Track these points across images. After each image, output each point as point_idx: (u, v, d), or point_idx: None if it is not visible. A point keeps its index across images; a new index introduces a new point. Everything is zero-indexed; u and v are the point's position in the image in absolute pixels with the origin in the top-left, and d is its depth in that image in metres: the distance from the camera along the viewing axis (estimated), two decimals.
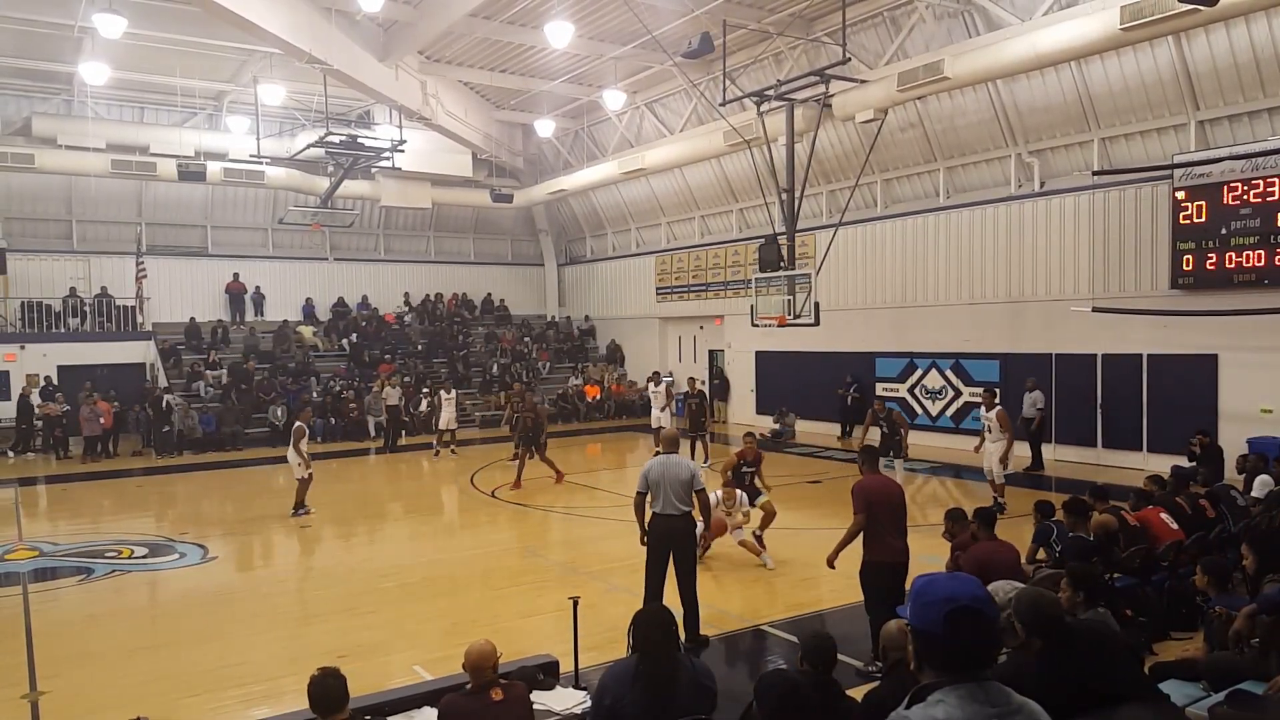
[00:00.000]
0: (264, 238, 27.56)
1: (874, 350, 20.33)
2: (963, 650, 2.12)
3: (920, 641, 2.19)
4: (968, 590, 2.17)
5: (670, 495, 7.29)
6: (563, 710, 5.31)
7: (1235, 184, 14.00)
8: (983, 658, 2.14)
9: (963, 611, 2.11)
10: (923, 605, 2.17)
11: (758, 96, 16.84)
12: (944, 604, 2.12)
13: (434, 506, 15.34)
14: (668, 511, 7.31)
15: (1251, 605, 5.25)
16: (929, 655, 2.17)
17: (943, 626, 2.11)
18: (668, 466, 7.36)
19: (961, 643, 2.11)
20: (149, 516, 14.38)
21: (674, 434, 8.10)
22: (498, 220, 30.95)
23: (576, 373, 27.98)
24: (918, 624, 2.18)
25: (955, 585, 2.19)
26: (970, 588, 2.18)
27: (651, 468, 7.39)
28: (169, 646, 7.88)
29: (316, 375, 24.56)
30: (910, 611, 2.22)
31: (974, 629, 2.12)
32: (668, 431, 8.12)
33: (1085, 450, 16.41)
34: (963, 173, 18.68)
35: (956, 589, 2.17)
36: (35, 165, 21.76)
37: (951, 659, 2.13)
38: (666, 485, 7.28)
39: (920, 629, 2.17)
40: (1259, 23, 13.37)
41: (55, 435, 20.47)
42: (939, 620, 2.12)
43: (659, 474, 7.32)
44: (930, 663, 2.17)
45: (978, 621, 2.12)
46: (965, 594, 2.15)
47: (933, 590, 2.18)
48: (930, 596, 2.17)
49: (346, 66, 18.35)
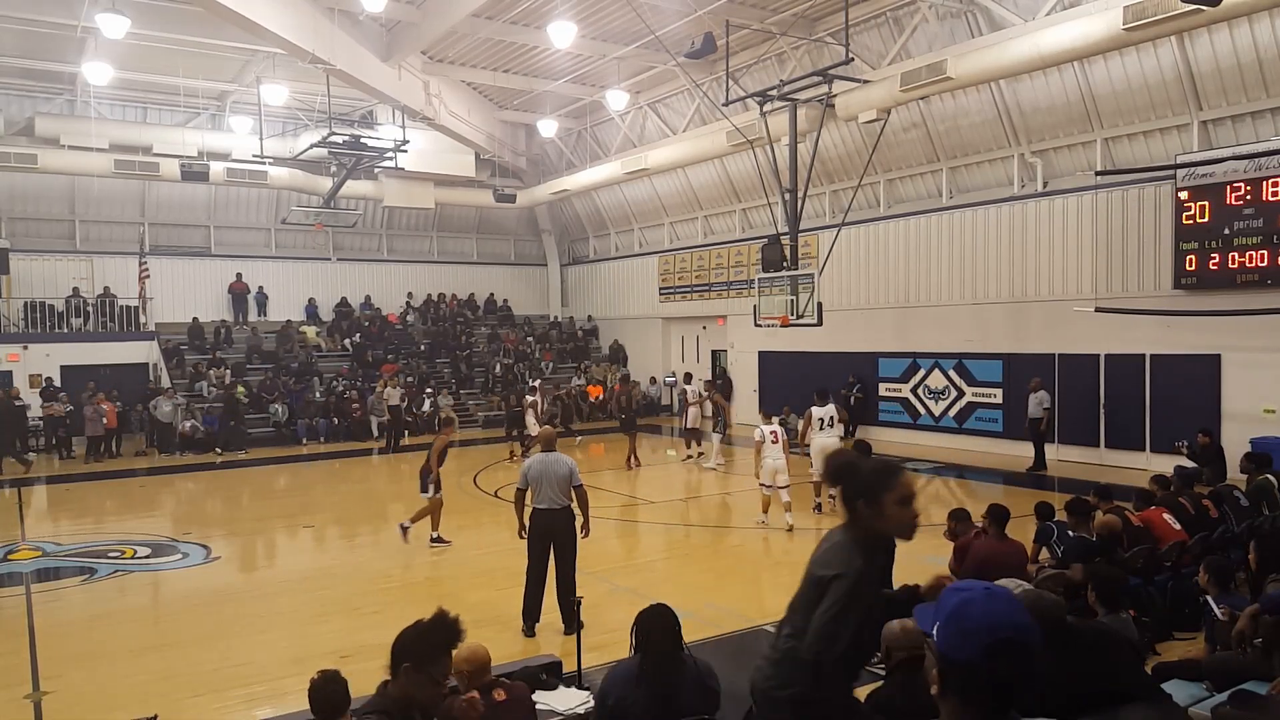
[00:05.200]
0: (267, 238, 27.59)
1: (877, 350, 20.32)
2: (1005, 686, 1.87)
3: (952, 672, 1.89)
4: (1011, 618, 1.87)
5: (549, 490, 7.79)
6: (566, 710, 5.30)
7: (1238, 184, 13.98)
8: (1020, 693, 1.89)
9: (1006, 645, 1.83)
10: (959, 633, 1.88)
11: (760, 96, 16.82)
12: (986, 634, 1.84)
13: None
14: (548, 506, 7.80)
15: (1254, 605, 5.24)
16: (962, 690, 1.88)
17: (983, 659, 1.83)
18: (547, 464, 7.87)
19: (1004, 678, 1.85)
20: (152, 516, 14.40)
21: (552, 434, 8.53)
22: (501, 220, 30.97)
23: (579, 373, 27.99)
24: (951, 654, 1.88)
25: (995, 611, 1.88)
26: (1013, 614, 1.89)
27: (531, 465, 7.92)
28: (172, 647, 7.89)
29: (319, 375, 24.59)
30: (942, 636, 1.92)
31: (1018, 663, 1.85)
32: (545, 431, 8.64)
33: (1088, 450, 16.39)
34: (965, 173, 18.67)
35: (997, 616, 1.87)
36: (38, 165, 21.78)
37: (991, 696, 1.87)
38: (545, 482, 7.80)
39: (954, 659, 1.88)
40: (1262, 23, 13.35)
41: (57, 435, 20.52)
42: (979, 653, 1.83)
43: (539, 471, 7.84)
44: (963, 698, 1.88)
45: (1023, 655, 1.85)
46: (1008, 623, 1.86)
47: (970, 615, 1.88)
48: (968, 623, 1.87)
49: (349, 66, 18.36)
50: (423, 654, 3.17)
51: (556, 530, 7.84)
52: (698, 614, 7.89)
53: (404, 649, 3.19)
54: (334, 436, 22.63)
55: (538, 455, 8.09)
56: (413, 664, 3.13)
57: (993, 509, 6.85)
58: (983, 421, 18.20)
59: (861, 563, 3.08)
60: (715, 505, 14.82)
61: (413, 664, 3.13)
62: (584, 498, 8.10)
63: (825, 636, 3.01)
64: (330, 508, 14.51)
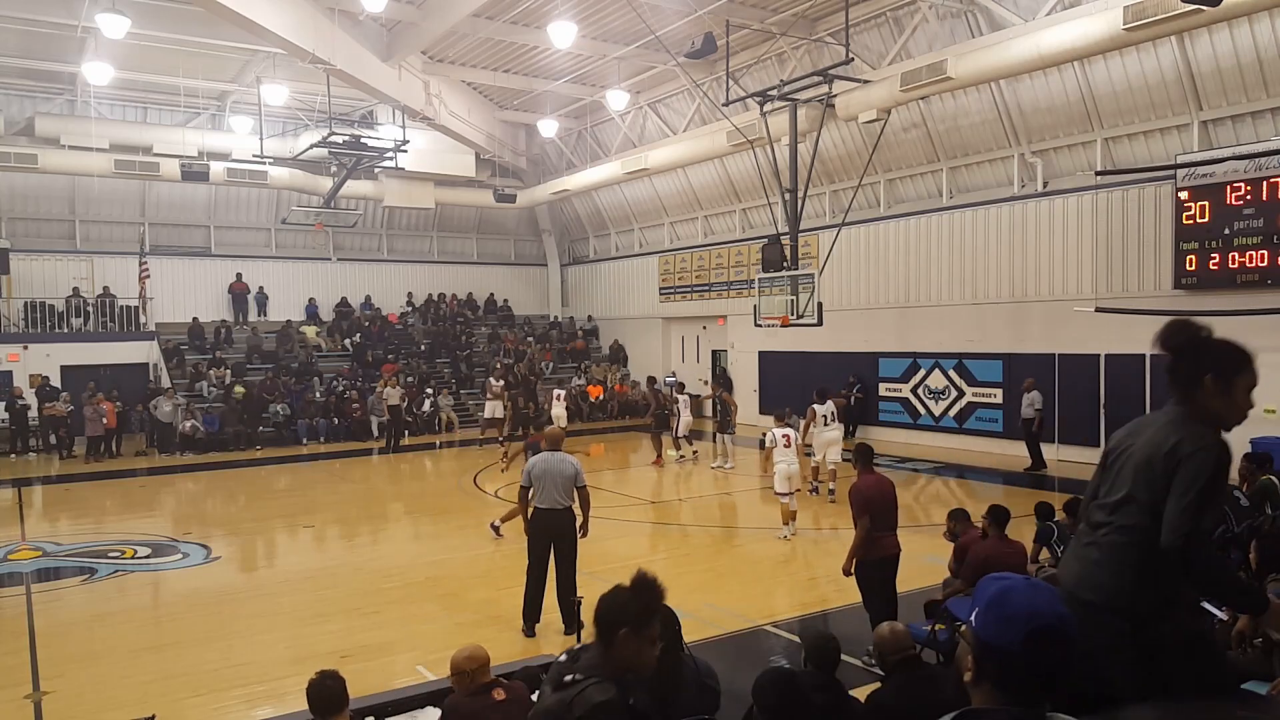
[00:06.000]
0: (267, 238, 27.60)
1: (877, 350, 20.32)
2: (1044, 675, 1.89)
3: (990, 658, 1.90)
4: (1051, 607, 1.91)
5: (552, 490, 7.78)
6: None
7: (1238, 184, 13.98)
8: (1057, 683, 1.91)
9: (1046, 632, 1.87)
10: (1000, 619, 1.90)
11: (761, 96, 16.83)
12: (1026, 620, 1.87)
13: (437, 507, 15.34)
14: (549, 506, 7.80)
15: None
16: (1001, 676, 1.90)
17: (1022, 646, 1.85)
18: (550, 463, 7.85)
19: (1042, 666, 1.88)
20: (152, 516, 14.40)
21: (559, 433, 8.50)
22: (501, 220, 30.97)
23: (579, 373, 27.98)
24: (991, 639, 1.90)
25: (1037, 599, 1.92)
26: (1053, 603, 1.92)
27: (535, 464, 7.89)
28: (172, 647, 7.89)
29: (320, 375, 24.59)
30: (981, 621, 1.93)
31: (1057, 651, 1.88)
32: (552, 431, 8.59)
33: (1089, 450, 16.35)
34: (966, 173, 18.67)
35: (1039, 603, 1.90)
36: (38, 165, 21.78)
37: (1028, 683, 1.89)
38: (549, 481, 7.79)
39: (993, 645, 1.89)
40: (1262, 23, 13.35)
41: (59, 435, 20.53)
42: (1018, 639, 1.86)
43: (542, 470, 7.82)
44: (1001, 684, 1.90)
45: (1063, 645, 1.88)
46: (1049, 611, 1.90)
47: (1011, 602, 1.91)
48: (1010, 609, 1.90)
49: (350, 66, 18.36)
50: (638, 617, 3.14)
51: (557, 530, 7.84)
52: (698, 614, 7.90)
53: (620, 614, 3.13)
54: (334, 436, 22.64)
55: (542, 454, 8.01)
56: (630, 629, 3.08)
57: (993, 509, 6.84)
58: (983, 421, 18.19)
59: (1217, 439, 2.81)
60: (715, 505, 14.82)
61: (630, 629, 3.08)
62: (586, 499, 8.09)
63: (1193, 517, 2.74)
64: (330, 508, 14.51)
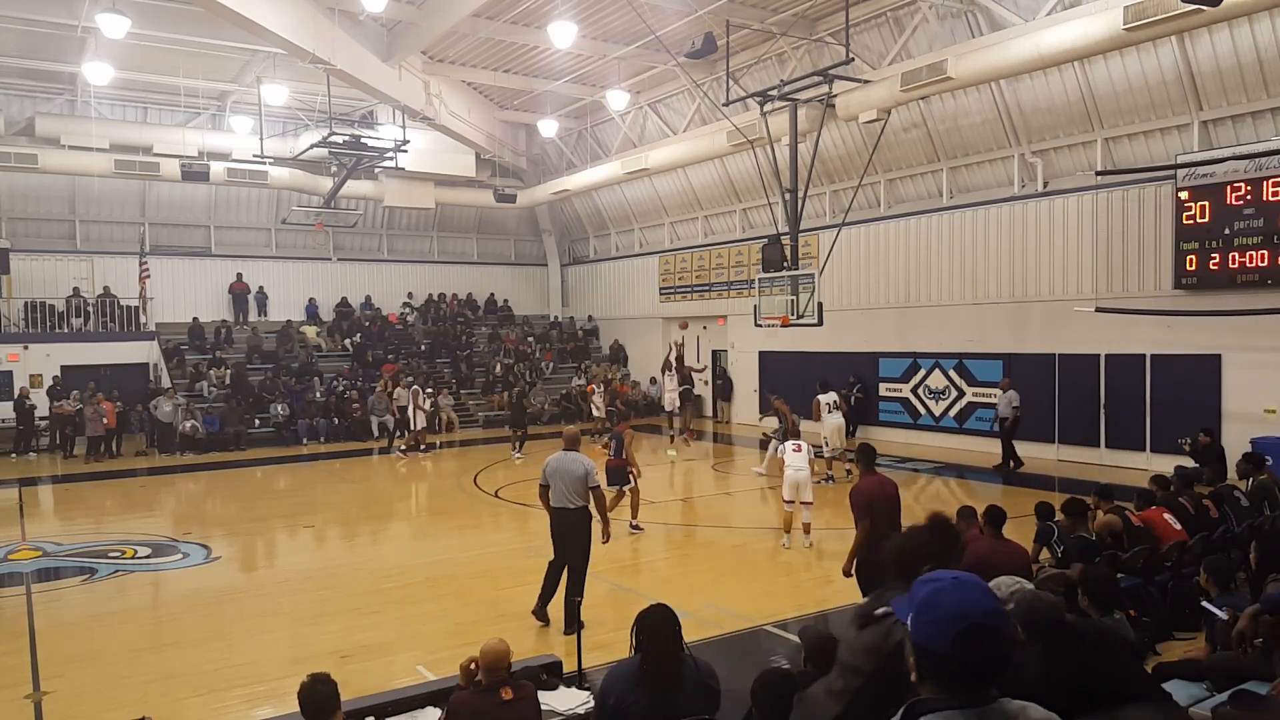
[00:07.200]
0: (267, 238, 27.59)
1: (877, 350, 20.33)
2: (974, 671, 1.93)
3: (923, 659, 1.97)
4: (979, 605, 1.95)
5: (563, 489, 7.82)
6: (566, 710, 5.30)
7: (1239, 184, 13.98)
8: (994, 677, 1.96)
9: (975, 631, 1.90)
10: (930, 622, 1.95)
11: (761, 96, 16.82)
12: (953, 622, 1.91)
13: (437, 506, 15.35)
14: (562, 505, 7.84)
15: (1255, 605, 5.25)
16: (933, 674, 1.96)
17: (952, 648, 1.90)
18: (563, 462, 7.87)
19: (972, 664, 1.92)
20: (152, 516, 14.39)
21: (575, 433, 8.49)
22: (501, 220, 30.96)
23: (580, 373, 27.99)
24: (922, 642, 1.96)
25: (965, 599, 1.95)
26: (982, 601, 1.96)
27: (549, 462, 7.93)
28: (172, 647, 7.89)
29: (320, 375, 24.59)
30: (913, 626, 1.98)
31: (987, 649, 1.92)
32: (569, 430, 8.55)
33: (1088, 450, 16.38)
34: (966, 173, 18.67)
35: (967, 604, 1.94)
36: (39, 165, 21.77)
37: (959, 679, 1.93)
38: (560, 479, 7.82)
39: (924, 647, 1.96)
40: (1262, 23, 13.35)
41: (64, 434, 20.52)
42: (947, 641, 1.90)
43: (554, 468, 7.88)
44: (935, 680, 1.96)
45: (992, 641, 1.92)
46: (977, 610, 1.93)
47: (940, 605, 1.95)
48: (938, 613, 1.94)
49: (350, 66, 18.35)
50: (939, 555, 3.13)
51: (566, 529, 7.82)
52: (698, 614, 7.91)
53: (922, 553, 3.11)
54: (334, 436, 22.63)
55: (557, 453, 7.96)
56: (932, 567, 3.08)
57: (989, 510, 6.82)
58: (983, 421, 18.17)
59: None
60: (716, 505, 14.82)
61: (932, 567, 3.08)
62: (600, 500, 8.04)
63: None
64: (330, 508, 14.51)
